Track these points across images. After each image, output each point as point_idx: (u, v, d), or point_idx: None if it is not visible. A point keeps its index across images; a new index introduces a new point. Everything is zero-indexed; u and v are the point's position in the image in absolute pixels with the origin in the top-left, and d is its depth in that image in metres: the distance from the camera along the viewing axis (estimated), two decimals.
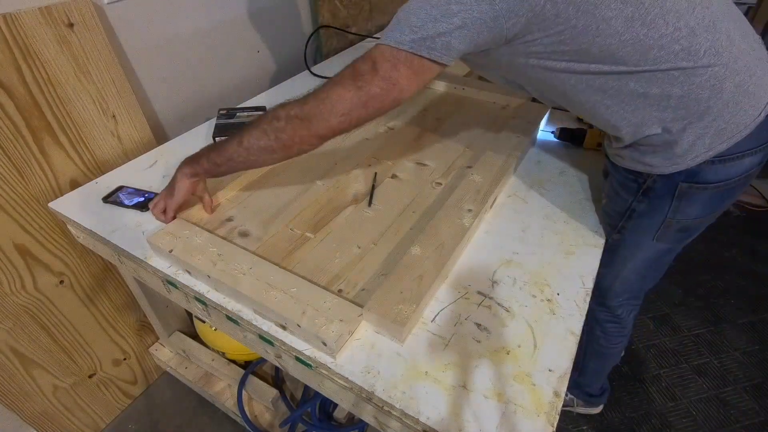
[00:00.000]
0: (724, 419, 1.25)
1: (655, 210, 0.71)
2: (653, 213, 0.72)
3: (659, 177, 0.67)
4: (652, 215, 0.72)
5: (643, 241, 0.76)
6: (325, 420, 1.12)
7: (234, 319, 0.67)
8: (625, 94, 0.61)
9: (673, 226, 0.72)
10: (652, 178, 0.68)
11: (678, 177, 0.66)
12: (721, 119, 0.60)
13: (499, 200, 0.85)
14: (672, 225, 0.72)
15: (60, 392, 1.08)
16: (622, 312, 0.94)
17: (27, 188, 0.89)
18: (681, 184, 0.66)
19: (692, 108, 0.60)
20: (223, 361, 1.22)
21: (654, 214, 0.72)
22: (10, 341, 0.95)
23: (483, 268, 0.72)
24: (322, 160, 0.96)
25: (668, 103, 0.60)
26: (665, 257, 0.81)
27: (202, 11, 1.16)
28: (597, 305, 0.93)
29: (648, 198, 0.70)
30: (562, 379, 0.56)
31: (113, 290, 1.13)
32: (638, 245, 0.77)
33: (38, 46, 0.84)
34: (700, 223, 0.73)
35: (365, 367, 0.58)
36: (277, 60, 1.44)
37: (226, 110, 1.08)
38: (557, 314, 0.64)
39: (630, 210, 0.73)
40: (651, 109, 0.61)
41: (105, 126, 0.99)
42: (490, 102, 1.18)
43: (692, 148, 0.62)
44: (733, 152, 0.62)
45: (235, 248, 0.71)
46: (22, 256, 0.92)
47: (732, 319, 1.52)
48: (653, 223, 0.73)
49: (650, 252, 0.78)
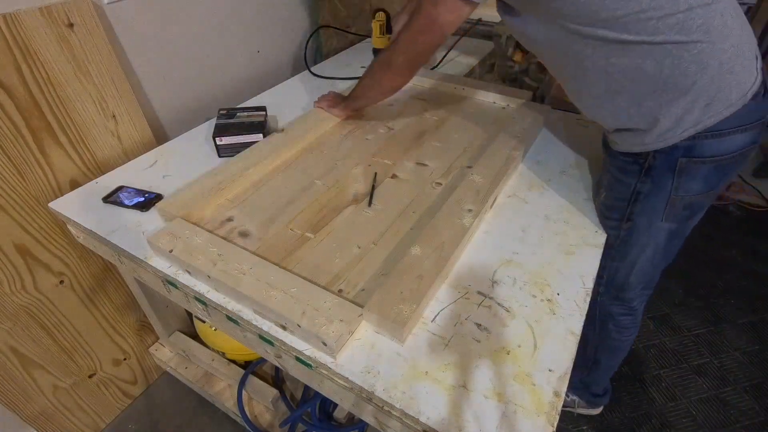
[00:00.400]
0: (724, 419, 1.25)
1: (659, 188, 0.73)
2: (658, 192, 0.73)
3: (658, 153, 0.70)
4: (657, 194, 0.74)
5: (654, 223, 0.77)
6: (325, 420, 1.12)
7: (234, 319, 0.67)
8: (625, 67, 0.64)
9: (678, 204, 0.74)
10: (651, 156, 0.70)
11: (676, 153, 0.68)
12: (706, 94, 0.63)
13: (499, 200, 0.85)
14: (677, 202, 0.73)
15: (60, 392, 1.08)
16: (636, 304, 0.94)
17: (27, 188, 0.89)
18: (680, 159, 0.68)
19: (680, 82, 0.63)
20: (223, 361, 1.22)
21: (659, 192, 0.73)
22: (10, 341, 0.95)
23: (483, 268, 0.72)
24: (322, 160, 0.96)
25: (660, 75, 0.63)
26: (675, 240, 0.82)
27: (203, 11, 1.16)
28: (611, 300, 0.93)
29: (650, 177, 0.72)
30: (562, 379, 0.56)
31: (113, 290, 1.13)
32: (650, 228, 0.78)
33: (38, 46, 0.84)
34: (703, 200, 0.75)
35: (365, 367, 0.58)
36: (277, 60, 1.44)
37: (226, 110, 1.08)
38: (557, 314, 0.64)
39: (635, 193, 0.75)
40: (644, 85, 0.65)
41: (105, 126, 0.99)
42: (489, 102, 1.18)
43: (681, 122, 0.65)
44: (723, 128, 0.65)
45: (235, 248, 0.71)
46: (22, 256, 0.92)
47: (732, 319, 1.52)
48: (659, 202, 0.74)
49: (662, 235, 0.79)
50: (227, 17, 1.23)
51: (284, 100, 1.22)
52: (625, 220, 0.78)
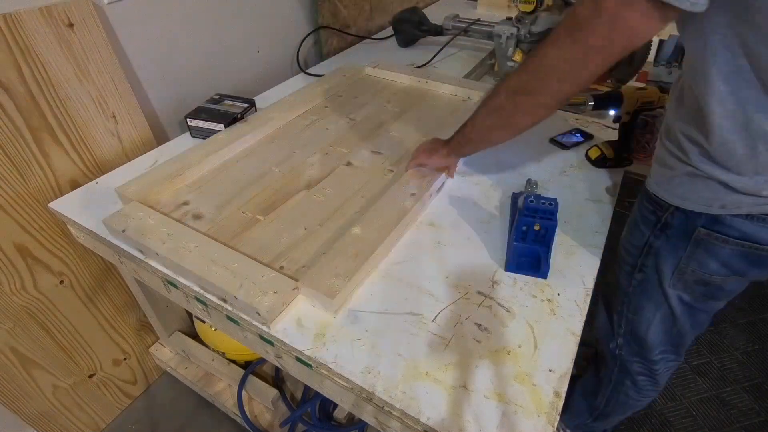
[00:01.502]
0: (724, 419, 1.25)
1: (670, 251, 0.65)
2: (668, 254, 0.66)
3: (678, 212, 0.62)
4: (666, 256, 0.66)
5: (663, 286, 0.70)
6: (325, 420, 1.12)
7: (234, 320, 0.67)
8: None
9: (689, 275, 0.66)
10: (670, 212, 0.63)
11: (697, 220, 0.60)
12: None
13: (499, 200, 0.86)
14: (687, 273, 0.66)
15: (60, 392, 1.08)
16: (659, 368, 0.84)
17: (27, 188, 0.89)
18: (699, 228, 0.60)
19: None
20: (223, 361, 1.22)
21: (668, 255, 0.66)
22: (10, 341, 0.95)
23: (483, 268, 0.72)
24: (281, 149, 0.99)
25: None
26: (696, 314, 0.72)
27: (203, 11, 1.16)
28: (632, 354, 0.85)
29: (665, 235, 0.65)
30: (562, 379, 0.56)
31: (113, 290, 1.13)
32: (659, 289, 0.71)
33: (38, 46, 0.84)
34: (722, 283, 0.65)
35: (366, 367, 0.58)
36: (277, 60, 1.44)
37: (219, 95, 1.12)
38: (558, 314, 0.64)
39: (648, 245, 0.69)
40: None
41: (105, 126, 0.99)
42: (451, 95, 1.21)
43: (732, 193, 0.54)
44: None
45: (186, 229, 0.74)
46: (22, 256, 0.92)
47: (732, 319, 1.52)
48: (667, 266, 0.67)
49: (673, 301, 0.71)
50: (227, 17, 1.23)
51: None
52: (637, 270, 0.72)
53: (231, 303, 0.65)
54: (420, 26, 1.49)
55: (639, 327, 0.79)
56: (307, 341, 0.61)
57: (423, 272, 0.71)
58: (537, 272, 0.69)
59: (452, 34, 1.43)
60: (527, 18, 1.16)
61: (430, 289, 0.68)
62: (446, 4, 2.03)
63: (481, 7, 1.92)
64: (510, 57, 1.22)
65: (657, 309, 0.75)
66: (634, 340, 0.82)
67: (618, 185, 0.90)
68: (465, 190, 0.89)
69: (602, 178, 0.91)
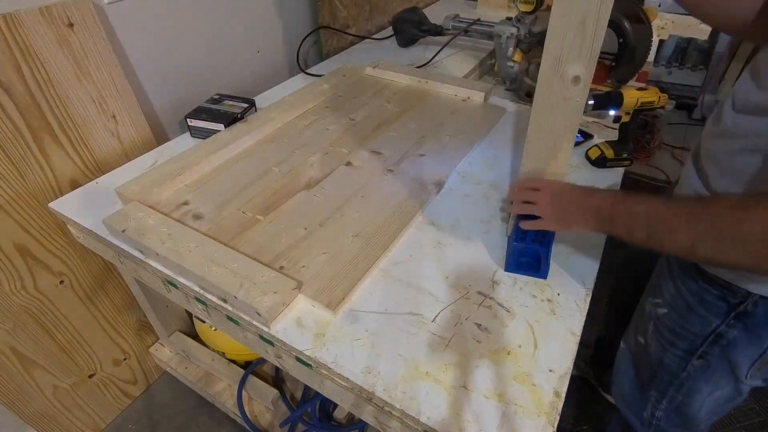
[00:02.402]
0: (725, 419, 1.25)
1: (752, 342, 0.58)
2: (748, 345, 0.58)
3: (762, 300, 0.54)
4: (746, 347, 0.58)
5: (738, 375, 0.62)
6: (325, 420, 1.11)
7: (234, 319, 0.67)
8: None
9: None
10: (753, 300, 0.54)
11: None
12: None
13: (499, 200, 0.85)
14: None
15: (60, 392, 1.08)
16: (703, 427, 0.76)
17: (27, 188, 0.89)
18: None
19: None
20: (223, 361, 1.22)
21: (749, 346, 0.58)
22: (10, 341, 0.95)
23: (483, 268, 0.72)
24: (281, 149, 0.99)
25: None
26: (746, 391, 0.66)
27: (203, 11, 1.16)
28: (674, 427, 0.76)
29: (743, 324, 0.57)
30: (562, 379, 0.56)
31: (113, 290, 1.13)
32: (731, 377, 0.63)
33: (38, 46, 0.84)
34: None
35: (366, 367, 0.58)
36: (277, 60, 1.44)
37: (219, 95, 1.12)
38: (558, 314, 0.64)
39: (716, 335, 0.60)
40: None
41: (105, 126, 0.99)
42: (451, 95, 1.21)
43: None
44: None
45: (186, 229, 0.75)
46: (22, 256, 0.92)
47: None
48: (746, 358, 0.59)
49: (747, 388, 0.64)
50: (227, 17, 1.23)
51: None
52: (696, 356, 0.63)
53: (231, 303, 0.65)
54: (420, 26, 1.49)
55: (689, 407, 0.71)
56: (307, 341, 0.61)
57: (423, 272, 0.71)
58: (537, 272, 0.69)
59: (452, 34, 1.43)
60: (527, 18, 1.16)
61: (430, 289, 0.68)
62: (446, 4, 2.03)
63: (481, 7, 1.92)
64: (510, 57, 1.22)
65: (716, 390, 0.67)
66: (678, 416, 0.73)
67: (618, 185, 0.90)
68: (465, 190, 0.89)
69: (602, 178, 0.91)
